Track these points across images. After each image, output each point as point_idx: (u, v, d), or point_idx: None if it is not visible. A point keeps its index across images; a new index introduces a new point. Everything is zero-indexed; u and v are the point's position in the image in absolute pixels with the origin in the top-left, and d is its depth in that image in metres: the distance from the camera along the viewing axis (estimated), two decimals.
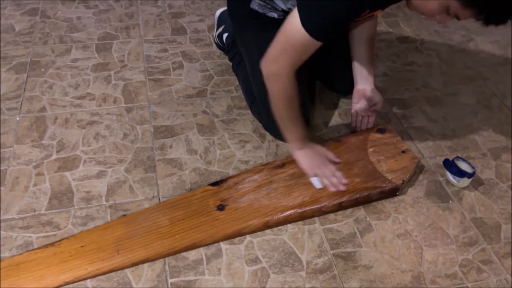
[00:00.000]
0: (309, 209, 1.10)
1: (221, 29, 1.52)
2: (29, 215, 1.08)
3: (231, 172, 1.20)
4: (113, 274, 0.97)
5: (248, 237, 1.06)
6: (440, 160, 1.23)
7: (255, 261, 1.01)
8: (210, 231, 1.04)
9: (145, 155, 1.24)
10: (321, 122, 1.37)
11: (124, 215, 1.08)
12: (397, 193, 1.17)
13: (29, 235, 1.04)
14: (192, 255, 1.02)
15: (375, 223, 1.10)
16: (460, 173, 1.15)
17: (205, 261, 1.01)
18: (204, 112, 1.37)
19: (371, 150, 1.24)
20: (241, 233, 1.06)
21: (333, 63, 1.40)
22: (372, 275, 1.00)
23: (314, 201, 1.11)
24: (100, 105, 1.38)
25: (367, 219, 1.11)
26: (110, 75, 1.49)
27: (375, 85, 1.29)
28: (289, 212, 1.09)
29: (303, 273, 0.99)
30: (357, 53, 1.28)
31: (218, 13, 1.57)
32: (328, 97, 1.46)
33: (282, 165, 1.21)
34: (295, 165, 1.19)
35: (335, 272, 1.00)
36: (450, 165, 1.17)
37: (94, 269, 0.96)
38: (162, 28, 1.72)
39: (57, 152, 1.23)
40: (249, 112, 1.36)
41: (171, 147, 1.26)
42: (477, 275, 1.01)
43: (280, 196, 1.12)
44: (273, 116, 1.16)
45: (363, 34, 1.25)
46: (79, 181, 1.16)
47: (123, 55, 1.58)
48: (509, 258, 1.04)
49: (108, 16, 1.78)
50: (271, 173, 1.18)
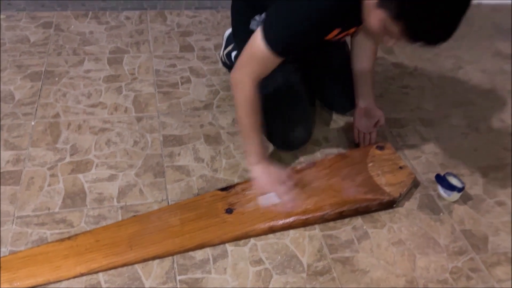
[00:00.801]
0: (312, 216, 1.17)
1: (230, 48, 1.61)
2: (43, 212, 1.13)
3: (236, 180, 1.27)
4: (124, 269, 1.02)
5: (252, 240, 1.12)
6: (432, 176, 1.31)
7: (259, 262, 1.07)
8: (218, 232, 1.10)
9: (154, 161, 1.30)
10: (321, 137, 1.45)
11: (134, 216, 1.13)
12: (394, 206, 1.24)
13: (44, 231, 1.08)
14: (199, 254, 1.07)
15: (372, 231, 1.17)
16: (450, 187, 1.23)
17: (211, 261, 1.06)
18: (210, 123, 1.45)
19: (370, 164, 1.32)
20: (247, 236, 1.12)
21: (330, 82, 1.47)
22: (369, 279, 1.06)
23: (317, 209, 1.18)
24: (111, 114, 1.45)
25: (364, 227, 1.18)
26: (121, 86, 1.57)
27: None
28: (293, 218, 1.15)
29: (304, 275, 1.05)
30: (358, 74, 1.36)
31: (226, 33, 1.66)
32: (328, 113, 1.54)
33: None
34: (299, 174, 1.27)
35: (334, 274, 1.06)
36: (441, 180, 1.25)
37: (108, 263, 1.01)
38: (170, 45, 1.81)
39: (71, 155, 1.29)
40: None
41: (179, 154, 1.33)
42: (466, 281, 1.07)
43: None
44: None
45: (364, 56, 1.34)
46: (92, 183, 1.22)
47: (134, 68, 1.66)
48: (496, 267, 1.11)
49: (119, 32, 1.86)
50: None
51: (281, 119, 1.30)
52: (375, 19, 0.94)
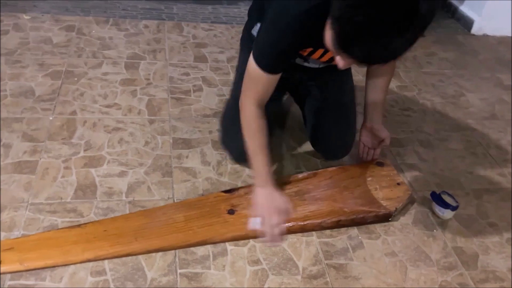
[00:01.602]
0: (310, 223, 1.22)
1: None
2: (56, 201, 1.19)
3: (240, 184, 1.33)
4: (129, 259, 1.08)
5: (251, 241, 1.17)
6: (427, 194, 1.37)
7: (257, 262, 1.12)
8: (220, 231, 1.16)
9: (163, 161, 1.36)
10: None
11: (141, 210, 1.19)
12: (390, 219, 1.29)
13: (55, 218, 1.14)
14: (200, 251, 1.13)
15: (366, 241, 1.22)
16: (444, 205, 1.28)
17: (211, 258, 1.12)
18: (219, 130, 1.51)
19: (369, 179, 1.38)
20: (247, 237, 1.17)
21: (324, 122, 1.41)
22: (360, 285, 1.11)
23: (315, 217, 1.23)
24: (125, 115, 1.52)
25: (359, 237, 1.23)
26: (136, 90, 1.64)
27: None
28: (292, 223, 1.21)
29: (299, 277, 1.10)
30: (370, 96, 1.35)
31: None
32: None
33: (289, 182, 1.34)
34: (300, 182, 1.33)
35: (328, 279, 1.11)
36: (436, 198, 1.30)
37: (113, 251, 1.07)
38: (185, 54, 1.90)
39: (85, 150, 1.36)
40: None
41: (187, 157, 1.39)
42: None
43: None
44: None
45: (376, 86, 1.33)
46: (103, 177, 1.28)
47: (149, 74, 1.74)
48: (484, 283, 1.15)
49: (137, 39, 1.95)
50: (279, 188, 1.31)
51: (235, 125, 1.29)
52: (328, 40, 0.93)
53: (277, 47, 1.06)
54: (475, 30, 2.48)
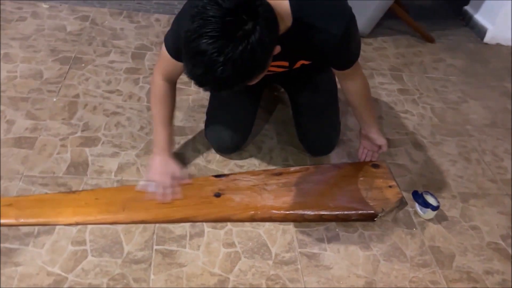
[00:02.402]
0: (292, 213, 1.25)
1: None
2: (48, 175, 1.26)
3: (227, 172, 1.37)
4: (109, 233, 1.13)
5: (229, 225, 1.21)
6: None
7: (231, 245, 1.16)
8: (203, 211, 1.21)
9: None
10: None
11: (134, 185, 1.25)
12: (375, 220, 1.30)
13: (45, 191, 1.21)
14: (178, 230, 1.17)
15: (343, 234, 1.24)
16: (425, 204, 1.29)
17: (188, 237, 1.16)
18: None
19: (361, 179, 1.39)
20: (228, 219, 1.21)
21: (308, 118, 1.44)
22: (330, 275, 1.13)
23: (298, 208, 1.26)
24: (125, 101, 1.59)
25: (337, 230, 1.25)
26: (139, 78, 1.71)
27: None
28: (275, 212, 1.24)
29: (271, 262, 1.13)
30: (357, 115, 1.36)
31: None
32: None
33: (279, 174, 1.37)
34: (290, 175, 1.36)
35: (299, 266, 1.14)
36: (417, 196, 1.31)
37: (101, 218, 1.15)
38: None
39: (82, 131, 1.43)
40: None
41: (179, 143, 1.45)
42: None
43: (270, 198, 1.28)
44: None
45: (356, 101, 1.31)
46: (96, 157, 1.34)
47: (154, 64, 1.80)
48: (456, 283, 1.16)
49: (147, 31, 2.03)
50: (267, 178, 1.35)
51: (215, 118, 1.41)
52: None
53: (177, 39, 1.08)
54: (488, 39, 2.45)
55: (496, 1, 2.41)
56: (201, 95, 1.68)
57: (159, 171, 1.24)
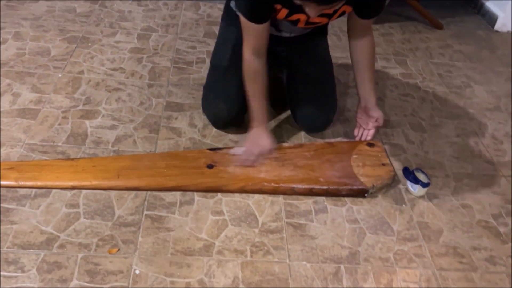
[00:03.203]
0: (283, 186, 1.28)
1: None
2: (48, 144, 1.31)
3: (221, 146, 1.40)
4: (102, 198, 1.18)
5: (219, 195, 1.24)
6: None
7: (219, 213, 1.19)
8: (195, 181, 1.25)
9: (153, 120, 1.46)
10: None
11: (131, 154, 1.30)
12: (366, 195, 1.32)
13: (45, 158, 1.27)
14: (169, 198, 1.21)
15: (331, 207, 1.26)
16: (415, 180, 1.30)
17: (178, 205, 1.20)
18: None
19: (355, 156, 1.41)
20: (219, 190, 1.25)
21: (302, 94, 1.46)
22: (314, 244, 1.15)
23: (288, 181, 1.28)
24: (127, 78, 1.63)
25: (325, 203, 1.27)
26: (142, 58, 1.76)
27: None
28: (266, 184, 1.27)
29: (257, 230, 1.16)
30: (359, 77, 1.41)
31: None
32: None
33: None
34: (284, 150, 1.39)
35: (284, 235, 1.16)
36: (408, 173, 1.32)
37: (96, 183, 1.21)
38: (196, 30, 1.99)
39: (83, 105, 1.48)
40: None
41: (176, 118, 1.48)
42: (407, 263, 1.14)
43: (262, 171, 1.31)
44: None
45: (363, 60, 1.38)
46: (95, 128, 1.39)
47: (158, 45, 1.85)
48: (442, 257, 1.16)
49: (154, 14, 2.07)
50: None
51: (212, 92, 1.44)
52: None
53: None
54: (498, 26, 2.41)
55: None
56: (201, 74, 1.71)
57: (251, 141, 1.33)
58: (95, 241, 1.07)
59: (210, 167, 1.30)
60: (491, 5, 2.49)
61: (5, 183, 1.17)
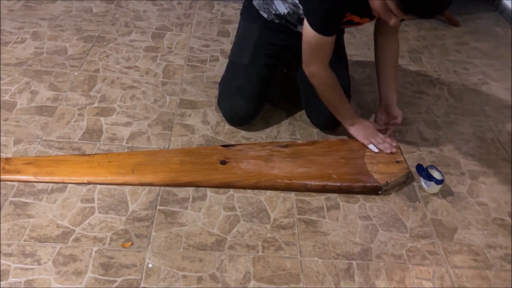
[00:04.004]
0: (296, 183, 1.28)
1: None
2: (65, 140, 1.34)
3: (234, 143, 1.41)
4: (116, 193, 1.20)
5: (231, 191, 1.25)
6: None
7: (232, 209, 1.20)
8: (208, 177, 1.26)
9: (167, 118, 1.48)
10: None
11: (145, 150, 1.32)
12: (379, 192, 1.31)
13: (61, 154, 1.29)
14: (182, 193, 1.22)
15: (344, 204, 1.26)
16: (428, 177, 1.28)
17: (191, 200, 1.21)
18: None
19: (368, 153, 1.40)
20: (232, 186, 1.26)
21: (316, 97, 1.44)
22: (326, 240, 1.15)
23: (302, 178, 1.29)
24: (142, 76, 1.66)
25: (337, 200, 1.27)
26: (157, 56, 1.78)
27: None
28: (278, 180, 1.27)
29: (268, 226, 1.17)
30: (381, 76, 1.43)
31: None
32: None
33: (286, 146, 1.40)
34: (297, 147, 1.39)
35: (296, 231, 1.16)
36: (421, 169, 1.30)
37: (111, 179, 1.22)
38: (210, 29, 2.01)
39: (99, 102, 1.50)
40: None
41: (189, 116, 1.50)
42: (420, 260, 1.13)
43: (275, 167, 1.31)
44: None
45: (387, 60, 1.41)
46: (109, 125, 1.42)
47: (172, 44, 1.87)
48: (456, 255, 1.15)
49: (169, 13, 2.09)
50: (274, 149, 1.38)
51: (230, 87, 1.45)
52: (376, 2, 1.09)
53: (331, 12, 1.17)
54: None
55: None
56: (214, 73, 1.72)
57: (368, 135, 1.40)
58: (109, 235, 1.09)
59: (223, 163, 1.31)
60: (508, 1, 2.45)
61: (24, 177, 1.20)
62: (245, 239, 1.13)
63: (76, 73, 1.62)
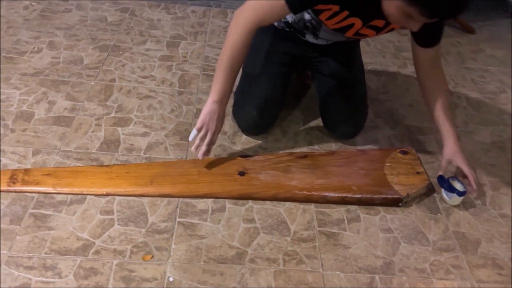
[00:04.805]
0: (315, 194, 1.27)
1: None
2: (83, 151, 1.34)
3: (251, 154, 1.40)
4: (135, 204, 1.19)
5: (250, 202, 1.24)
6: None
7: (251, 221, 1.19)
8: (227, 188, 1.25)
9: (183, 128, 1.47)
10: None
11: (163, 161, 1.31)
12: (400, 204, 1.29)
13: (80, 164, 1.29)
14: (200, 205, 1.21)
15: (364, 216, 1.24)
16: (450, 189, 1.26)
17: (210, 212, 1.20)
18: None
19: (388, 164, 1.38)
20: (251, 197, 1.25)
21: (333, 99, 1.45)
22: (348, 253, 1.13)
23: (321, 189, 1.27)
24: (158, 85, 1.65)
25: (358, 212, 1.25)
26: (172, 65, 1.78)
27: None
28: (298, 192, 1.26)
29: (289, 239, 1.15)
30: (441, 114, 1.31)
31: None
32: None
33: (304, 156, 1.39)
34: (316, 158, 1.38)
35: (317, 244, 1.15)
36: (443, 181, 1.28)
37: (130, 190, 1.22)
38: (224, 38, 1.99)
39: (116, 112, 1.50)
40: None
41: None
42: (444, 274, 1.11)
43: (294, 178, 1.30)
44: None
45: (441, 92, 1.32)
46: (127, 135, 1.41)
47: (187, 53, 1.87)
48: (480, 269, 1.13)
49: (183, 22, 2.10)
50: (293, 160, 1.37)
51: (244, 98, 1.43)
52: (392, 8, 1.03)
53: None
54: None
55: None
56: None
57: (203, 120, 1.22)
58: (129, 248, 1.08)
59: (241, 174, 1.30)
60: None
61: (43, 189, 1.19)
62: (266, 252, 1.11)
63: (92, 83, 1.63)
